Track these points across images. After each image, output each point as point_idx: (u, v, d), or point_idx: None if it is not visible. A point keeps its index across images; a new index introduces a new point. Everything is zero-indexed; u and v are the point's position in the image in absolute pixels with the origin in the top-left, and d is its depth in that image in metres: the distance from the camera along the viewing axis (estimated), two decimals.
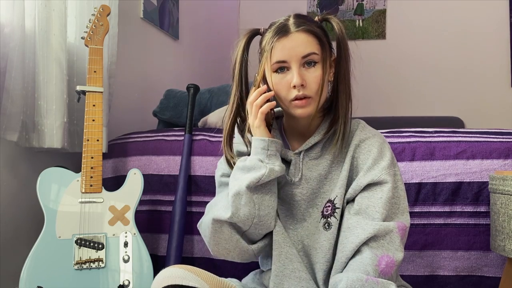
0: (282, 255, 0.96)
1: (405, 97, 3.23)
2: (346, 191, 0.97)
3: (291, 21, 0.94)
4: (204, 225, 1.01)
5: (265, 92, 0.95)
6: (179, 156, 1.51)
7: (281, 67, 0.94)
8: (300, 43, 0.93)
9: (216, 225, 0.96)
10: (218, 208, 0.97)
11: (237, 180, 0.94)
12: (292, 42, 0.93)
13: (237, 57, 1.00)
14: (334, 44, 0.99)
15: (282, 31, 0.93)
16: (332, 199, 0.97)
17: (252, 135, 0.98)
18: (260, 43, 0.99)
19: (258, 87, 0.97)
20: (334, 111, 0.99)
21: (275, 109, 1.09)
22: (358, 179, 0.96)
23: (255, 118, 0.96)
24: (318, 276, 0.95)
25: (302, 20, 0.95)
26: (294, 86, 0.92)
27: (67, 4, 1.45)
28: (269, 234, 0.99)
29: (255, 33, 1.02)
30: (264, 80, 0.99)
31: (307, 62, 0.93)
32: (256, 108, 0.95)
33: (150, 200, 1.52)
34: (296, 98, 0.93)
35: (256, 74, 0.98)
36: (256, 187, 0.93)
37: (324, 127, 1.00)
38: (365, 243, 0.89)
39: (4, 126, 1.28)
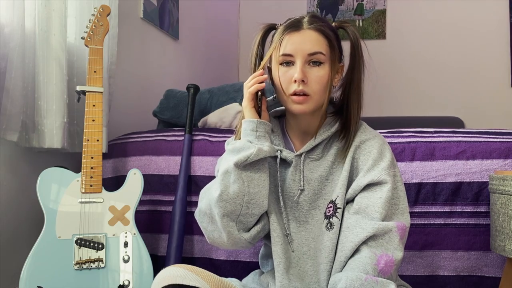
0: (281, 265, 0.97)
1: (405, 97, 3.23)
2: (347, 191, 0.97)
3: (306, 19, 0.96)
4: (199, 212, 1.02)
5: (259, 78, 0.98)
6: (179, 156, 1.51)
7: (287, 61, 0.95)
8: (309, 40, 0.94)
9: (211, 215, 0.97)
10: (211, 191, 0.98)
11: (227, 161, 0.96)
12: (302, 38, 0.94)
13: (253, 50, 1.02)
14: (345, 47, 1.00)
15: (295, 26, 0.95)
16: (333, 199, 0.97)
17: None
18: (273, 35, 1.00)
19: None
20: (345, 119, 1.00)
21: (278, 109, 1.09)
22: (358, 180, 0.96)
23: (244, 99, 0.98)
24: (322, 277, 0.95)
25: (316, 20, 0.96)
26: (295, 81, 0.93)
27: (67, 4, 1.45)
28: (261, 221, 0.99)
29: (271, 27, 1.03)
30: (269, 70, 1.01)
31: (312, 60, 0.94)
32: (246, 89, 0.98)
33: (150, 200, 1.52)
34: (295, 93, 0.94)
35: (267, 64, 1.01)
36: (245, 166, 0.94)
37: (326, 129, 1.00)
38: (364, 242, 0.90)
39: (4, 126, 1.28)
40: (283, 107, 1.07)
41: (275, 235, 0.98)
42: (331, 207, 0.97)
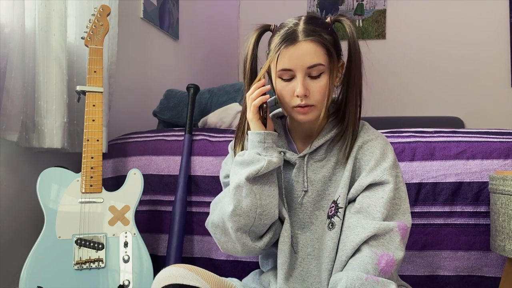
0: (286, 264, 0.97)
1: (405, 97, 3.23)
2: (349, 191, 0.97)
3: (301, 27, 0.92)
4: (212, 224, 1.02)
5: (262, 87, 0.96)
6: (179, 156, 1.51)
7: (287, 74, 0.94)
8: (307, 53, 0.91)
9: (224, 228, 0.98)
10: (222, 205, 0.98)
11: (237, 174, 0.95)
12: (299, 51, 0.91)
13: (248, 53, 1.00)
14: (343, 45, 0.99)
15: (290, 38, 0.92)
16: (335, 199, 0.97)
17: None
18: (269, 44, 0.98)
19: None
20: (342, 117, 0.99)
21: (278, 110, 1.09)
22: (360, 180, 0.96)
23: (249, 111, 0.96)
24: (323, 276, 0.96)
25: (312, 27, 0.92)
26: (298, 95, 0.92)
27: (67, 4, 1.45)
28: (272, 228, 0.99)
29: (265, 29, 1.01)
30: (268, 75, 0.99)
31: (312, 72, 0.93)
32: (250, 100, 0.96)
33: (150, 200, 1.52)
34: (298, 106, 0.94)
35: (261, 68, 0.99)
36: (255, 178, 0.93)
37: (329, 130, 1.00)
38: (365, 242, 0.90)
39: (4, 126, 1.27)
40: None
41: (286, 235, 0.98)
42: (333, 206, 0.97)
